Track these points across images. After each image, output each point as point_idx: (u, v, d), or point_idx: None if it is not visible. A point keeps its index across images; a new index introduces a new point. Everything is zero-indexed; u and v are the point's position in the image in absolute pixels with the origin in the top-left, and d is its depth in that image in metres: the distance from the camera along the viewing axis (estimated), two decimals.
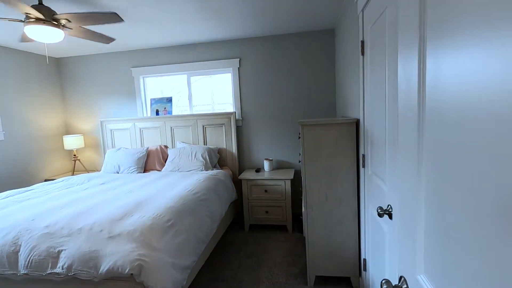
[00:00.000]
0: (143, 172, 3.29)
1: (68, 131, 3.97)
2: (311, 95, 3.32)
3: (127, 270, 1.41)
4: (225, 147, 3.45)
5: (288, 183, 3.03)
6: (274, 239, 2.97)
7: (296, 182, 3.43)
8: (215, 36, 3.23)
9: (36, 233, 1.65)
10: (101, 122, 3.70)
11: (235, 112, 3.38)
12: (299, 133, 2.66)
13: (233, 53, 3.44)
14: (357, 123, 1.98)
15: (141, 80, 3.73)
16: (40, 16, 1.77)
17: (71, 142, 3.63)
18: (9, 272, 1.59)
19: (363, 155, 1.80)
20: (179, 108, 3.79)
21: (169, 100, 3.67)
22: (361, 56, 1.73)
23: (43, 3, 1.89)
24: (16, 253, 1.61)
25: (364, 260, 1.88)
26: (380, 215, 1.25)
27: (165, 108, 3.67)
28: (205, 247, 2.13)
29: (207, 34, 3.15)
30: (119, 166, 3.31)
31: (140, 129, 3.62)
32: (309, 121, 2.03)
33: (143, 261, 1.44)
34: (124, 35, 3.03)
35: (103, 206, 1.96)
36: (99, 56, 3.76)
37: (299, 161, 2.48)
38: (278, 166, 3.49)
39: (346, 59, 2.41)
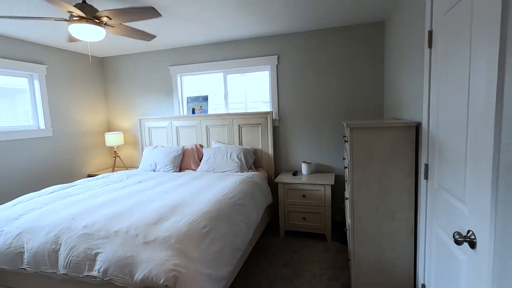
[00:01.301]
0: (179, 171, 3.28)
1: (110, 129, 4.11)
2: (355, 94, 3.05)
3: (161, 280, 1.33)
4: (260, 148, 3.32)
5: (328, 189, 2.82)
6: (311, 247, 2.78)
7: (337, 188, 3.20)
8: (253, 32, 3.10)
9: (75, 233, 1.64)
10: (140, 120, 3.76)
11: (272, 111, 3.23)
12: (344, 136, 2.44)
13: (271, 49, 3.28)
14: (417, 127, 1.73)
15: (179, 79, 3.73)
16: (82, 14, 1.76)
17: (112, 139, 3.74)
18: (50, 271, 1.60)
19: (426, 165, 1.55)
20: (212, 106, 3.73)
21: (205, 98, 3.62)
22: (427, 49, 1.48)
23: (86, 1, 1.89)
24: (56, 252, 1.61)
25: (423, 286, 1.63)
26: (458, 242, 1.02)
27: (201, 106, 3.63)
28: (240, 255, 2.01)
29: (245, 30, 3.03)
30: (155, 164, 3.33)
31: (176, 127, 3.62)
32: (359, 123, 1.81)
33: (178, 272, 1.35)
34: (163, 34, 3.02)
35: (139, 208, 1.93)
36: (139, 55, 3.82)
37: (345, 167, 2.26)
38: (317, 169, 3.28)
39: (402, 54, 2.14)
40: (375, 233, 1.84)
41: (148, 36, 2.28)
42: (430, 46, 1.46)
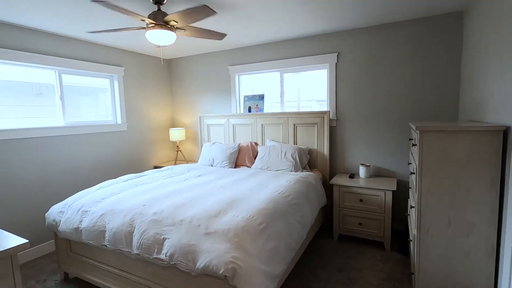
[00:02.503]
0: (234, 167, 3.40)
1: (173, 125, 4.46)
2: (425, 94, 2.78)
3: (221, 271, 1.40)
4: (316, 148, 3.25)
5: (389, 195, 2.63)
6: (368, 255, 2.64)
7: (399, 195, 2.97)
8: (313, 30, 3.04)
9: (146, 218, 1.83)
10: (200, 117, 4.00)
11: (329, 111, 3.13)
12: (411, 139, 2.25)
13: (331, 47, 3.18)
14: (505, 131, 1.51)
15: (237, 78, 3.85)
16: (153, 21, 1.95)
17: (175, 134, 4.06)
18: (125, 249, 1.81)
19: None
20: (266, 104, 3.76)
21: (261, 97, 3.68)
22: None
23: (161, 9, 2.07)
24: (131, 233, 1.81)
25: None
26: None
27: (257, 105, 3.70)
28: (294, 254, 2.01)
29: (305, 29, 2.98)
30: (213, 159, 3.51)
31: (233, 125, 3.76)
32: (430, 126, 1.65)
33: (237, 264, 1.41)
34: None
35: (200, 200, 2.05)
36: (201, 56, 4.06)
37: (411, 173, 2.09)
38: (376, 173, 3.09)
39: (489, 47, 1.88)
40: (446, 248, 1.67)
41: (219, 35, 2.35)
42: None
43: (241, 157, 3.48)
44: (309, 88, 3.49)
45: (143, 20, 1.98)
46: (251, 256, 1.50)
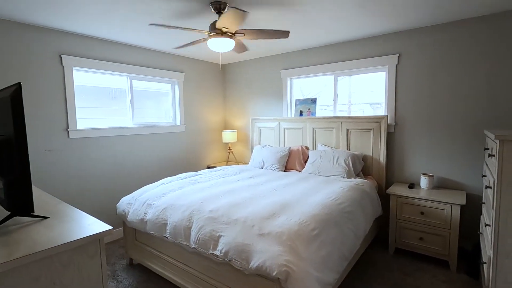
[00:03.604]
0: (284, 171, 3.41)
1: (226, 127, 4.65)
2: (503, 98, 2.46)
3: (274, 273, 1.42)
4: (371, 154, 3.09)
5: (457, 209, 2.38)
6: (428, 274, 2.41)
7: (469, 210, 2.67)
8: (370, 31, 2.90)
9: (203, 215, 1.94)
10: (252, 120, 4.10)
11: (387, 115, 2.96)
12: (486, 148, 2.01)
13: (390, 48, 3.00)
14: None
15: (289, 82, 3.87)
16: (209, 31, 2.08)
17: (228, 136, 4.22)
18: (184, 243, 1.95)
19: None
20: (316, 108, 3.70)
21: (314, 101, 3.63)
22: None
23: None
24: (189, 228, 1.94)
25: None
26: None
27: (309, 109, 3.66)
28: (346, 264, 1.94)
29: (363, 30, 2.87)
30: (263, 162, 3.57)
31: (284, 128, 3.77)
32: None
33: (290, 268, 1.42)
34: (278, 39, 3.19)
35: (253, 201, 2.11)
36: (254, 61, 4.16)
37: (486, 186, 1.86)
38: (441, 184, 2.81)
39: None
40: None
41: (282, 34, 2.29)
42: None
43: (291, 161, 3.48)
44: (361, 91, 3.35)
45: (200, 32, 2.12)
46: (304, 261, 1.49)
